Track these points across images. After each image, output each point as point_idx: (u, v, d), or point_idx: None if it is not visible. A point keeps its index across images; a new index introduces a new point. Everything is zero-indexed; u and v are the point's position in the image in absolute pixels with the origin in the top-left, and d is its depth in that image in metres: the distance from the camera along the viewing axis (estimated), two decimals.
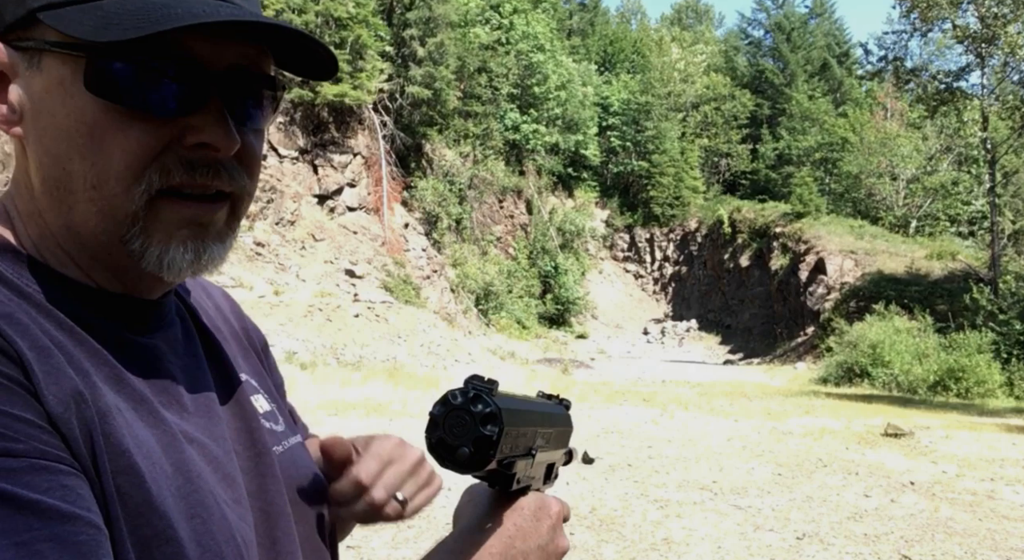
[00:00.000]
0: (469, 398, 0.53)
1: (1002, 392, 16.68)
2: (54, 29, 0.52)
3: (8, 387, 0.46)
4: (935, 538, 5.34)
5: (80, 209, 0.55)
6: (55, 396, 0.49)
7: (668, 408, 11.92)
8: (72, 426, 0.48)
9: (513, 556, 0.63)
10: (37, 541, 0.42)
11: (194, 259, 0.57)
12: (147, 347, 0.61)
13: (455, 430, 0.53)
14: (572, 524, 5.44)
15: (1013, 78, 23.39)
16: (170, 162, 0.55)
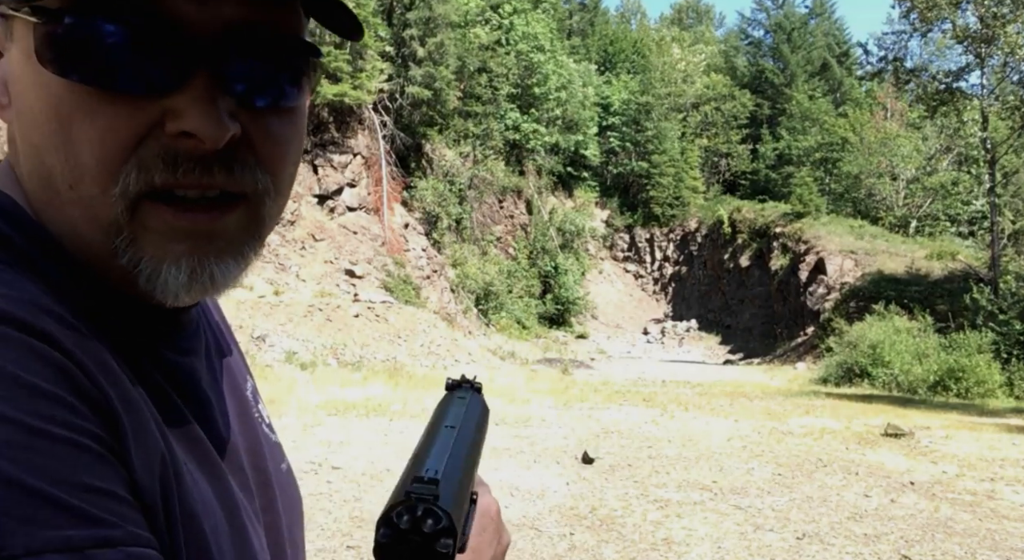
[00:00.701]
0: (418, 517, 0.46)
1: (1002, 392, 16.68)
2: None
3: (102, 455, 0.38)
4: (935, 538, 5.34)
5: (66, 213, 0.45)
6: (143, 463, 0.41)
7: (668, 408, 11.92)
8: (156, 496, 0.42)
9: None
10: None
11: (189, 280, 0.46)
12: (190, 371, 0.53)
13: (409, 555, 0.46)
14: (572, 524, 5.45)
15: (1013, 78, 23.38)
16: (149, 156, 0.43)
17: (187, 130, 0.43)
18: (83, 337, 0.41)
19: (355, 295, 19.20)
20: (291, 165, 0.50)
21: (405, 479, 0.50)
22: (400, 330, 17.37)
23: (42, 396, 0.37)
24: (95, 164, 0.43)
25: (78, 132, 0.42)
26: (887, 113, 39.53)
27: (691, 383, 17.12)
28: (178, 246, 0.45)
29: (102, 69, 0.42)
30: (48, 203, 0.45)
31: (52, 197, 0.45)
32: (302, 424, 8.93)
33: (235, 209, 0.47)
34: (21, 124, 0.45)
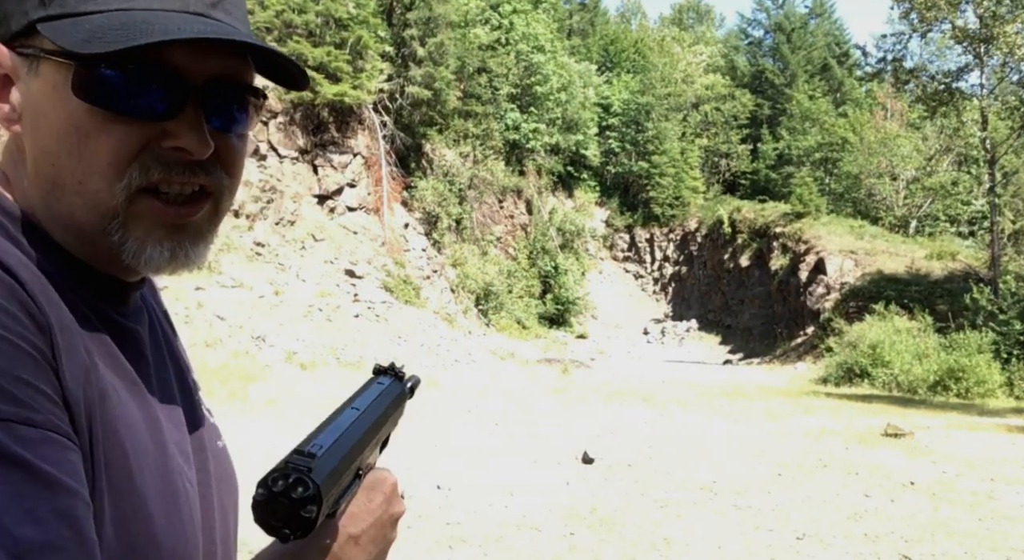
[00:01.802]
0: (289, 483, 0.54)
1: (1002, 392, 16.67)
2: (49, 39, 0.57)
3: (36, 359, 0.49)
4: (935, 538, 5.34)
5: (67, 202, 0.59)
6: (71, 373, 0.52)
7: (668, 408, 11.92)
8: (79, 403, 0.52)
9: (345, 541, 0.65)
10: (43, 510, 0.44)
11: (171, 257, 0.62)
12: (133, 331, 0.66)
13: (276, 514, 0.55)
14: (572, 524, 5.45)
15: (1012, 78, 23.39)
16: (149, 161, 0.59)
17: (181, 146, 0.60)
18: (34, 274, 0.54)
19: (355, 295, 19.19)
20: (241, 171, 0.68)
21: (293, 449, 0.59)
22: (400, 330, 17.37)
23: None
24: (106, 165, 0.58)
25: (95, 143, 0.58)
26: (887, 113, 39.53)
27: (691, 383, 17.11)
28: (160, 231, 0.61)
29: (122, 101, 0.58)
30: (50, 194, 0.60)
31: (56, 190, 0.59)
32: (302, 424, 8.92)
33: (205, 203, 0.63)
34: (37, 135, 0.59)
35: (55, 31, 0.57)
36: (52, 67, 0.58)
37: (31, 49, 0.58)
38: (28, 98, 0.59)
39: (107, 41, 0.56)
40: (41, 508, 0.44)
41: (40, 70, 0.58)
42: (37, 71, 0.59)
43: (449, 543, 4.91)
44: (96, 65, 0.57)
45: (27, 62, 0.59)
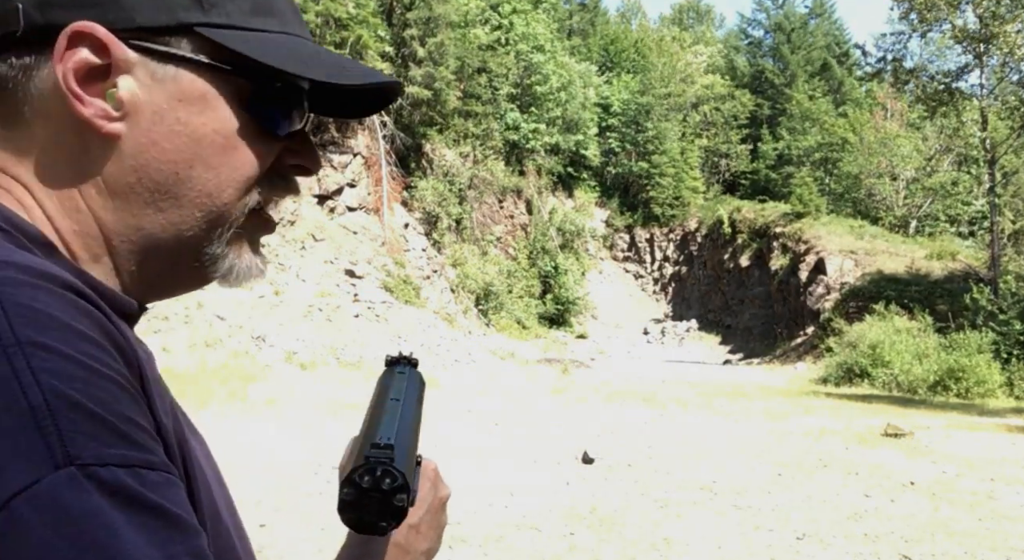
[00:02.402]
0: (377, 477, 0.55)
1: (1002, 392, 16.68)
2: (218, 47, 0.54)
3: (132, 394, 0.45)
4: (935, 538, 5.34)
5: (175, 213, 0.55)
6: (161, 406, 0.48)
7: (668, 408, 11.92)
8: (171, 437, 0.49)
9: (407, 531, 0.68)
10: (182, 555, 0.42)
11: (259, 269, 0.61)
12: (148, 355, 0.61)
13: (370, 509, 0.55)
14: (572, 524, 5.45)
15: (1012, 78, 23.39)
16: (274, 177, 0.59)
17: (304, 164, 0.61)
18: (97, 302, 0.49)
19: (355, 295, 19.19)
20: None
21: (363, 446, 0.58)
22: (400, 330, 17.37)
23: (89, 340, 0.43)
24: (246, 179, 0.57)
25: (241, 156, 0.56)
26: (887, 113, 39.53)
27: (691, 383, 17.12)
28: (255, 245, 0.61)
29: (279, 120, 0.58)
30: (151, 205, 0.54)
31: (166, 201, 0.54)
32: (302, 424, 8.93)
33: None
34: (161, 141, 0.53)
35: (245, 43, 0.54)
36: (204, 74, 0.54)
37: (176, 51, 0.53)
38: (148, 100, 0.53)
39: (350, 75, 0.57)
40: (180, 553, 0.42)
41: (178, 75, 0.53)
42: (171, 74, 0.53)
43: (449, 543, 4.91)
44: (272, 84, 0.56)
45: (152, 60, 0.53)
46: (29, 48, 0.50)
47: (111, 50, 0.51)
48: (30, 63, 0.51)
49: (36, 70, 0.51)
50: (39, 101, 0.51)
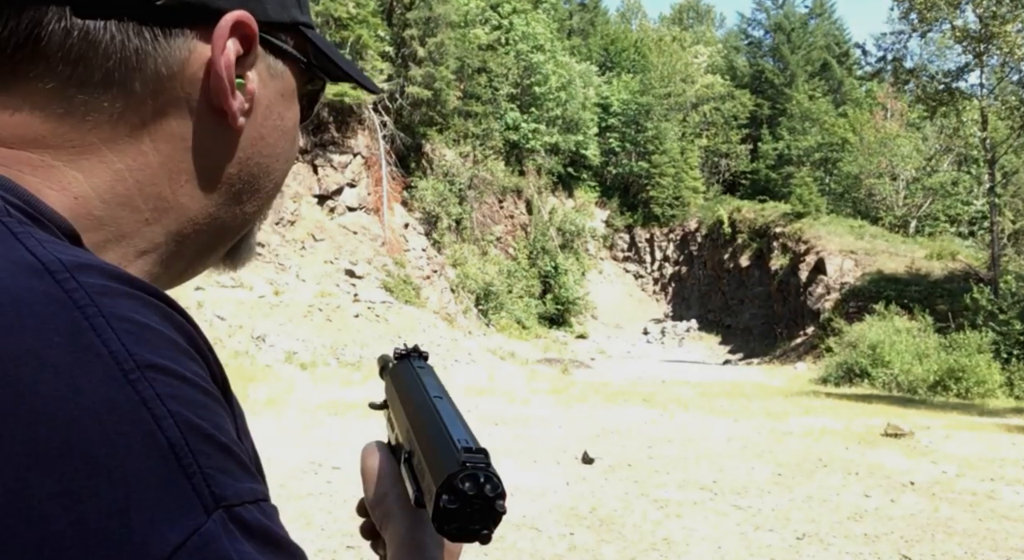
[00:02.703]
0: (480, 483, 0.51)
1: (1002, 392, 16.68)
2: (313, 46, 0.56)
3: (227, 411, 0.40)
4: (935, 538, 5.34)
5: (251, 204, 0.55)
6: (241, 427, 0.43)
7: (668, 408, 11.92)
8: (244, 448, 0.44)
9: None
10: None
11: (256, 251, 0.63)
12: None
13: (472, 516, 0.52)
14: (572, 524, 5.45)
15: (1012, 78, 23.40)
16: None
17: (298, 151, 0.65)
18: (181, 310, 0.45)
19: (355, 295, 19.20)
20: None
21: (446, 450, 0.54)
22: (400, 330, 17.37)
23: (191, 357, 0.38)
24: (287, 173, 0.58)
25: (295, 146, 0.58)
26: (887, 113, 39.54)
27: (691, 383, 17.12)
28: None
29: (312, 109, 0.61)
30: (233, 198, 0.53)
31: (246, 194, 0.54)
32: (302, 424, 8.93)
33: None
34: (269, 135, 0.54)
35: (325, 45, 0.57)
36: (295, 71, 0.55)
37: (287, 47, 0.54)
38: (263, 95, 0.52)
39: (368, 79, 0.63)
40: None
41: (284, 71, 0.54)
42: (280, 70, 0.54)
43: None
44: (323, 84, 0.60)
45: (270, 55, 0.53)
46: (158, 20, 0.46)
47: (253, 44, 0.50)
48: (158, 38, 0.46)
49: (163, 45, 0.46)
50: (154, 79, 0.46)
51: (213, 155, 0.50)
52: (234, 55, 0.48)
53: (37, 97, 0.44)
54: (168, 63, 0.46)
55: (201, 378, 0.38)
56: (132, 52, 0.45)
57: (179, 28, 0.46)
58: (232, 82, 0.48)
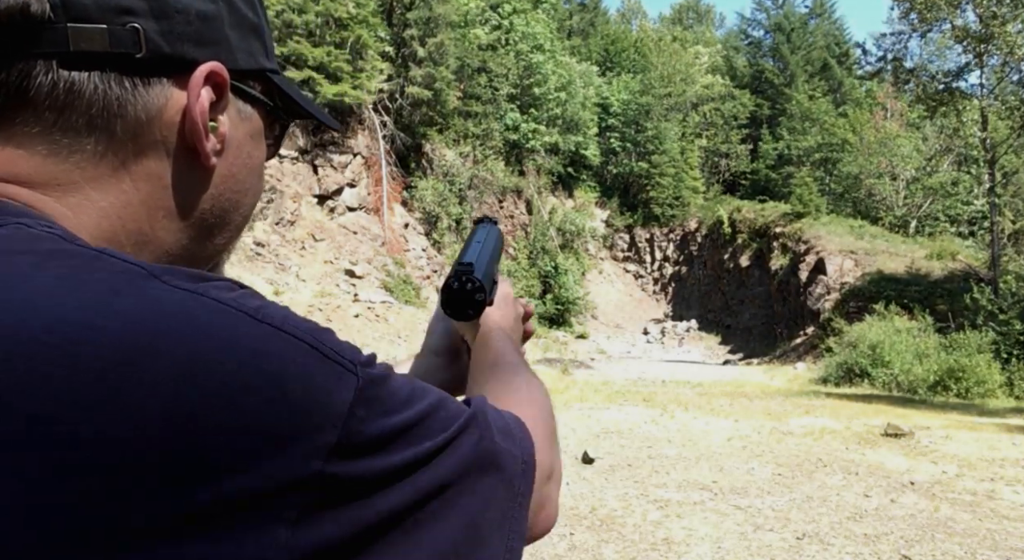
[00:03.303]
0: (462, 282, 0.83)
1: (1002, 392, 16.67)
2: (278, 90, 0.62)
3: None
4: (935, 538, 5.35)
5: (222, 236, 0.60)
6: None
7: (668, 408, 11.92)
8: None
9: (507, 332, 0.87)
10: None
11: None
12: None
13: (460, 303, 0.83)
14: (572, 524, 5.45)
15: (1012, 78, 23.39)
16: None
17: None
18: None
19: (355, 295, 19.19)
20: None
21: (453, 266, 0.85)
22: (400, 330, 17.37)
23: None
24: (256, 202, 0.64)
25: (262, 179, 0.64)
26: (887, 113, 39.54)
27: (691, 383, 17.12)
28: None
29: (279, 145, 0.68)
30: (201, 228, 0.58)
31: (215, 222, 0.59)
32: None
33: None
34: (238, 173, 0.59)
35: (290, 88, 0.64)
36: (261, 113, 0.61)
37: (253, 91, 0.60)
38: (233, 136, 0.58)
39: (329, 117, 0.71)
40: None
41: (252, 113, 0.60)
42: (249, 113, 0.60)
43: None
44: (287, 124, 0.66)
45: (239, 100, 0.59)
46: (136, 71, 0.51)
47: (224, 91, 0.55)
48: (137, 87, 0.51)
49: (142, 93, 0.51)
50: (134, 124, 0.51)
51: (188, 192, 0.55)
52: (208, 102, 0.53)
53: (21, 139, 0.48)
54: (147, 109, 0.51)
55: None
56: (114, 100, 0.50)
57: (157, 77, 0.51)
58: (206, 126, 0.54)
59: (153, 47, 0.50)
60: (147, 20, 0.50)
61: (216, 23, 0.55)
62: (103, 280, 0.42)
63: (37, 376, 0.37)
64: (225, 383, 0.39)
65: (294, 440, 0.40)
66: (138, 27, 0.50)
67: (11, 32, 0.47)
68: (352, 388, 0.44)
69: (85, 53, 0.48)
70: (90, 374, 0.37)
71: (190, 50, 0.52)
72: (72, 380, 0.37)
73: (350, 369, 0.45)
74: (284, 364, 0.42)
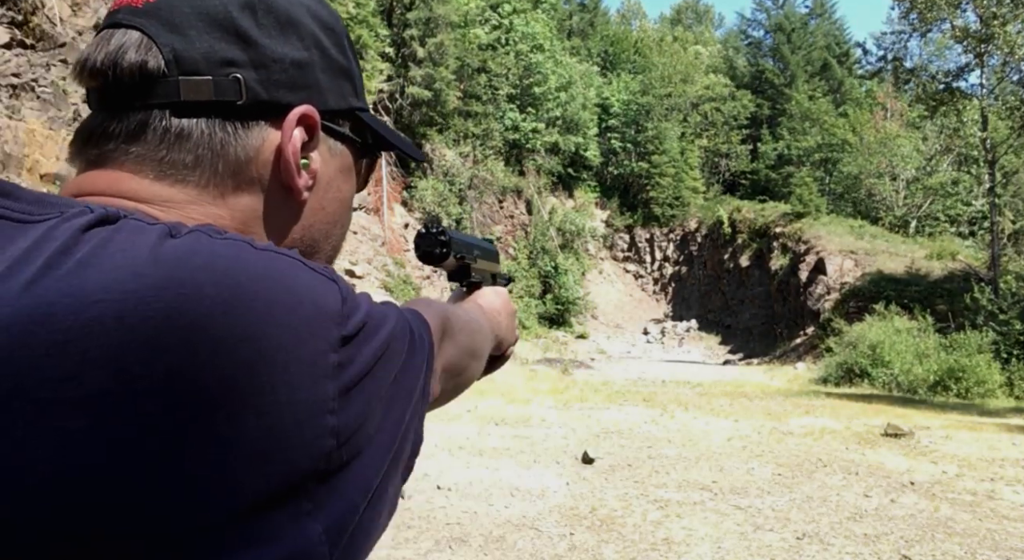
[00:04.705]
0: (430, 230, 0.94)
1: (1002, 392, 16.67)
2: (367, 126, 0.67)
3: None
4: (935, 538, 5.35)
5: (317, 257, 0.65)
6: None
7: (668, 408, 11.92)
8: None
9: (487, 311, 0.95)
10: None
11: None
12: None
13: (428, 244, 0.94)
14: (572, 524, 5.45)
15: (1012, 78, 23.39)
16: None
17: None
18: None
19: None
20: None
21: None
22: None
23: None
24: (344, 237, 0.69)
25: (350, 212, 0.69)
26: (887, 113, 39.53)
27: (691, 383, 17.12)
28: None
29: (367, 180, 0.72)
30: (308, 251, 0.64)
31: (316, 249, 0.64)
32: None
33: None
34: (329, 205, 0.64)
35: (379, 124, 0.68)
36: (351, 149, 0.66)
37: (343, 130, 0.64)
38: (324, 172, 0.62)
39: (415, 149, 0.76)
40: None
41: (343, 150, 0.65)
42: (340, 150, 0.64)
43: (449, 543, 4.91)
44: (375, 158, 0.71)
45: (330, 138, 0.63)
46: (238, 116, 0.56)
47: (316, 130, 0.60)
48: (238, 130, 0.56)
49: (242, 136, 0.56)
50: (234, 163, 0.56)
51: (279, 223, 0.60)
52: (299, 142, 0.58)
53: (133, 166, 0.55)
54: (247, 149, 0.57)
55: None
56: (218, 142, 0.56)
57: (256, 121, 0.57)
58: (298, 164, 0.59)
59: (252, 94, 0.56)
60: (247, 70, 0.56)
61: (309, 69, 0.59)
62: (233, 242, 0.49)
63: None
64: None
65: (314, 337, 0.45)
66: (240, 77, 0.55)
67: (131, 86, 0.54)
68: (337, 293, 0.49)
69: (193, 102, 0.54)
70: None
71: (285, 95, 0.57)
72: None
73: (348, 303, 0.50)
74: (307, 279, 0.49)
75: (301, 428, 0.43)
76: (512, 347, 1.05)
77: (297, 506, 0.43)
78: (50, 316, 0.40)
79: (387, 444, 0.50)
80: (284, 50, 0.58)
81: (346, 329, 0.47)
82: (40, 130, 9.36)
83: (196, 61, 0.54)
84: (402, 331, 0.54)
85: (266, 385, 0.42)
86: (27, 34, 9.64)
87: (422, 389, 0.56)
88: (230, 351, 0.41)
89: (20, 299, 0.40)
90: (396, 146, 0.71)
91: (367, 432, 0.47)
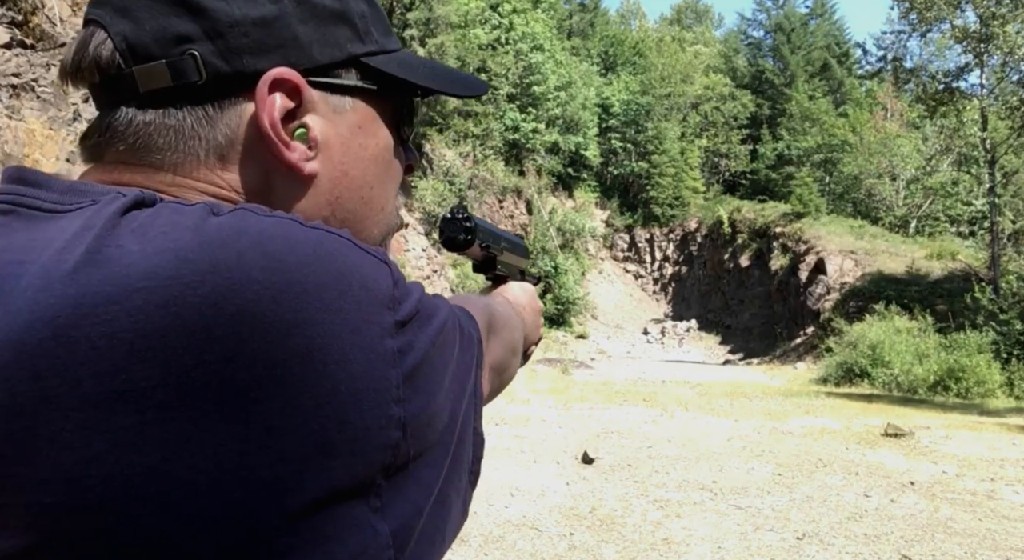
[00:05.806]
0: (456, 215, 0.93)
1: (1002, 392, 16.66)
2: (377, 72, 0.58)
3: None
4: (935, 538, 5.34)
5: (367, 224, 0.60)
6: None
7: (668, 408, 11.92)
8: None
9: (513, 306, 0.93)
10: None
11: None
12: None
13: (452, 230, 0.93)
14: (572, 524, 5.45)
15: (1012, 78, 23.38)
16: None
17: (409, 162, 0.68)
18: None
19: None
20: None
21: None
22: None
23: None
24: (396, 189, 0.64)
25: (394, 169, 0.62)
26: (887, 113, 39.51)
27: (691, 383, 17.11)
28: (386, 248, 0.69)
29: (408, 128, 0.64)
30: (349, 221, 0.59)
31: (354, 224, 0.59)
32: None
33: None
34: (350, 169, 0.57)
35: (397, 67, 0.59)
36: (369, 99, 0.58)
37: (346, 81, 0.56)
38: (334, 133, 0.56)
39: (468, 85, 0.66)
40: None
41: (354, 104, 0.57)
42: (348, 105, 0.57)
43: None
44: (411, 99, 0.63)
45: (330, 94, 0.56)
46: (207, 97, 0.51)
47: (302, 92, 0.53)
48: (210, 113, 0.51)
49: (216, 117, 0.52)
50: (217, 148, 0.52)
51: (294, 202, 0.55)
52: (281, 111, 0.52)
53: (120, 157, 0.52)
54: (228, 130, 0.52)
55: None
56: (189, 130, 0.51)
57: (228, 98, 0.51)
58: (281, 137, 0.52)
59: (212, 69, 0.50)
60: (202, 43, 0.50)
61: (279, 24, 0.52)
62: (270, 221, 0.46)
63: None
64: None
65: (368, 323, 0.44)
66: (196, 53, 0.50)
67: (97, 86, 0.51)
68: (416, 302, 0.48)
69: (155, 91, 0.50)
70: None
71: (251, 62, 0.51)
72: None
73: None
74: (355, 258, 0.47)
75: (364, 418, 0.40)
76: (534, 346, 1.01)
77: (365, 502, 0.41)
78: (95, 307, 0.38)
79: (447, 442, 0.48)
80: (243, 10, 0.51)
81: (399, 314, 0.45)
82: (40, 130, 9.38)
83: (147, 45, 0.49)
84: (453, 324, 0.51)
85: (322, 374, 0.39)
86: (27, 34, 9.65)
87: (474, 386, 0.54)
88: (281, 339, 0.39)
89: (65, 290, 0.38)
90: (427, 87, 0.61)
91: (431, 425, 0.45)
